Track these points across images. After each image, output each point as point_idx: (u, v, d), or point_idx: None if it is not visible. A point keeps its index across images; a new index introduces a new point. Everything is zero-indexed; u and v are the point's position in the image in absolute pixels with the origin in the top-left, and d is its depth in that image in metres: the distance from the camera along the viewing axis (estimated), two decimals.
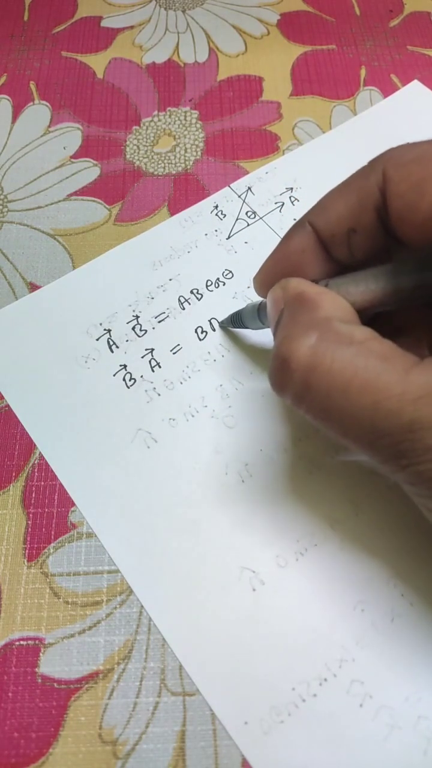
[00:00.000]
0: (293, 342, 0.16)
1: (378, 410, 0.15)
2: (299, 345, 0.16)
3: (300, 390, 0.16)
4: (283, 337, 0.16)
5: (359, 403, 0.15)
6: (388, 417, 0.14)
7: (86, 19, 0.38)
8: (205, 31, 0.38)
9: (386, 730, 0.19)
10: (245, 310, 0.24)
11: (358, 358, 0.15)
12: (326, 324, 0.16)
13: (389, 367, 0.15)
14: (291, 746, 0.19)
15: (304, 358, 0.16)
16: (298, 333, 0.16)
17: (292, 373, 0.16)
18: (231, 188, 0.31)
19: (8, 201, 0.31)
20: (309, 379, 0.16)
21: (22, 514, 0.23)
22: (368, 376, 0.15)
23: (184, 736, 0.19)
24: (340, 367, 0.15)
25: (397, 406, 0.14)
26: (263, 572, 0.22)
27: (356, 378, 0.15)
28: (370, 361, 0.15)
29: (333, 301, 0.17)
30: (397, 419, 0.14)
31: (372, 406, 0.15)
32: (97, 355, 0.26)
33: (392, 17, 0.39)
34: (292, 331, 0.16)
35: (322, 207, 0.19)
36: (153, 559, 0.22)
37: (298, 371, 0.16)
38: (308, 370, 0.15)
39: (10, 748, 0.19)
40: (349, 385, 0.15)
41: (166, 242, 0.29)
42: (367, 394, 0.15)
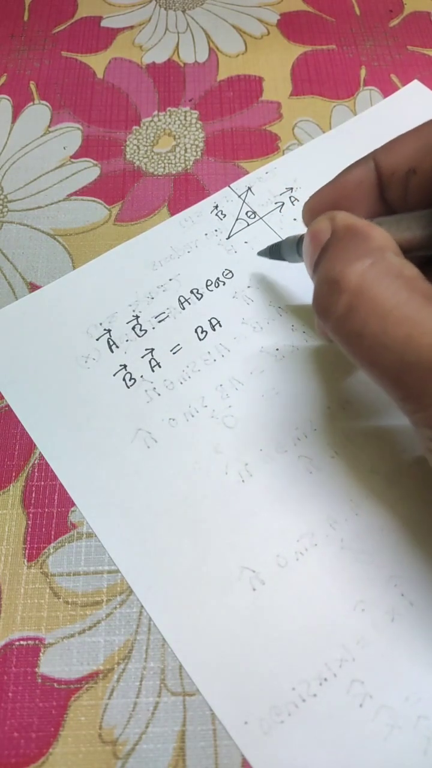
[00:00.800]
0: (347, 265, 0.16)
1: (410, 344, 0.15)
2: (353, 268, 0.16)
3: (344, 312, 0.16)
4: (335, 260, 0.17)
5: (394, 333, 0.15)
6: (420, 352, 0.15)
7: (86, 19, 0.38)
8: (205, 31, 0.38)
9: (386, 729, 0.19)
10: (285, 241, 0.24)
11: (402, 291, 0.15)
12: (379, 253, 0.16)
13: (430, 306, 0.15)
14: (291, 746, 0.19)
15: (355, 281, 0.16)
16: (350, 257, 0.16)
17: (341, 294, 0.16)
18: (231, 188, 0.31)
19: (8, 201, 0.31)
20: (355, 302, 0.16)
21: (22, 514, 0.23)
22: (409, 309, 0.15)
23: (184, 736, 0.19)
24: (385, 295, 0.15)
25: (430, 343, 0.15)
26: (263, 572, 0.22)
27: (397, 309, 0.15)
28: (413, 297, 0.15)
29: (384, 235, 0.17)
30: (427, 355, 0.15)
31: (405, 339, 0.15)
32: (97, 355, 0.26)
33: (392, 17, 0.39)
34: (346, 255, 0.16)
35: (391, 144, 0.19)
36: (153, 559, 0.22)
37: (347, 292, 0.16)
38: (356, 293, 0.16)
39: (10, 748, 0.19)
40: (389, 314, 0.15)
41: (166, 242, 0.29)
42: (404, 326, 0.15)
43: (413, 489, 0.23)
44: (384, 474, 0.23)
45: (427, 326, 0.15)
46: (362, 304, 0.16)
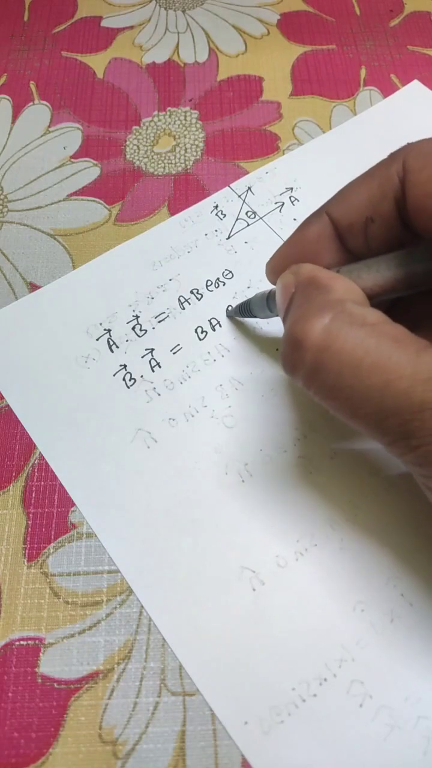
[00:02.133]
0: (307, 322, 0.16)
1: (388, 390, 0.15)
2: (313, 325, 0.16)
3: (312, 369, 0.16)
4: (296, 317, 0.17)
5: (369, 382, 0.15)
6: (398, 396, 0.15)
7: (86, 19, 0.38)
8: (205, 31, 0.38)
9: (386, 730, 0.19)
10: (254, 298, 0.24)
11: (369, 339, 0.15)
12: (340, 305, 0.16)
13: (400, 349, 0.15)
14: (291, 746, 0.19)
15: (317, 338, 0.16)
16: (311, 313, 0.16)
17: (305, 352, 0.16)
18: (231, 188, 0.31)
19: (8, 201, 0.31)
20: (321, 359, 0.16)
21: (22, 514, 0.23)
22: (379, 356, 0.15)
23: (184, 736, 0.19)
24: (352, 346, 0.15)
25: (408, 386, 0.15)
26: (263, 572, 0.22)
27: (367, 358, 0.15)
28: (382, 342, 0.15)
29: (346, 285, 0.17)
30: (406, 399, 0.15)
31: (382, 385, 0.15)
32: (97, 355, 0.26)
33: (392, 17, 0.39)
34: (306, 312, 0.16)
35: (342, 196, 0.19)
36: (153, 559, 0.22)
37: (310, 351, 0.16)
38: (321, 350, 0.16)
39: (10, 748, 0.19)
40: (360, 365, 0.15)
41: (166, 242, 0.29)
42: (378, 373, 0.15)
43: (412, 490, 0.23)
44: (383, 475, 0.23)
45: (403, 370, 0.15)
46: (330, 359, 0.16)
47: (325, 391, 0.16)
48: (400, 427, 0.15)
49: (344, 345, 0.15)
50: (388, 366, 0.15)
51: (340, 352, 0.15)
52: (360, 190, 0.18)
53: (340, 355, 0.15)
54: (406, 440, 0.15)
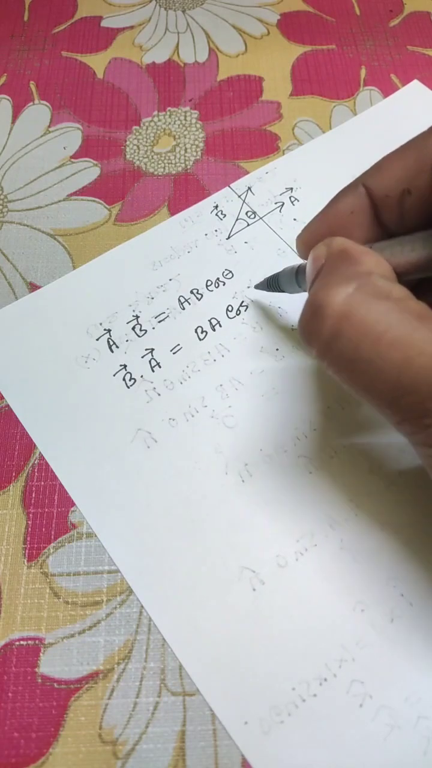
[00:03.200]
0: (330, 289, 0.16)
1: (407, 366, 0.14)
2: (336, 292, 0.15)
3: (330, 338, 0.16)
4: (320, 285, 0.16)
5: (389, 356, 0.15)
6: (418, 374, 0.14)
7: (86, 19, 0.38)
8: (205, 31, 0.38)
9: (386, 730, 0.19)
10: (283, 272, 0.23)
11: (393, 312, 0.15)
12: (366, 277, 0.16)
13: (423, 326, 0.15)
14: (291, 746, 0.19)
15: (338, 306, 0.15)
16: (335, 282, 0.16)
17: (325, 319, 0.15)
18: (231, 188, 0.31)
19: (8, 201, 0.31)
20: (341, 327, 0.15)
21: (22, 514, 0.23)
22: (402, 331, 0.15)
23: (184, 736, 0.19)
24: (374, 318, 0.15)
25: (428, 363, 0.14)
26: (263, 572, 0.22)
27: (389, 332, 0.15)
28: (405, 317, 0.15)
29: (375, 259, 0.17)
30: (426, 377, 0.14)
31: (402, 361, 0.14)
32: (97, 355, 0.26)
33: (392, 17, 0.39)
34: (330, 280, 0.16)
35: (378, 168, 0.18)
36: (153, 559, 0.22)
37: (330, 318, 0.15)
38: (341, 318, 0.15)
39: (10, 748, 0.19)
40: (381, 338, 0.15)
41: (166, 242, 0.29)
42: (399, 348, 0.14)
43: (412, 490, 0.23)
44: (383, 475, 0.23)
45: (425, 347, 0.14)
46: (350, 329, 0.15)
47: (341, 362, 0.16)
48: (415, 405, 0.15)
49: (366, 316, 0.15)
50: (409, 342, 0.14)
51: (361, 323, 0.15)
52: (396, 162, 0.18)
53: (360, 325, 0.15)
54: (418, 419, 0.15)
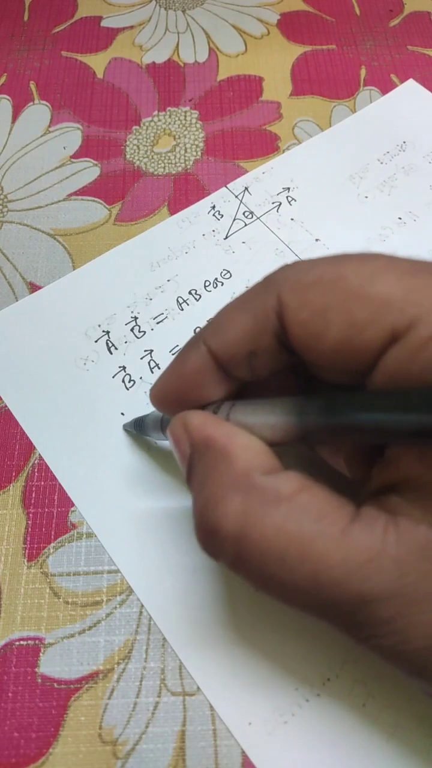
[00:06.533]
0: (217, 508, 0.15)
1: (321, 581, 0.13)
2: (224, 512, 0.14)
3: (233, 560, 0.15)
4: (204, 501, 0.15)
5: (299, 573, 0.13)
6: (334, 588, 0.13)
7: (86, 19, 0.38)
8: (205, 31, 0.38)
9: (389, 729, 0.19)
10: (148, 419, 0.22)
11: (289, 520, 0.14)
12: (247, 480, 0.15)
13: (325, 529, 0.13)
14: (295, 747, 0.19)
15: (231, 528, 0.14)
16: (219, 496, 0.15)
17: (222, 542, 0.14)
18: (228, 188, 0.31)
19: (8, 201, 0.31)
20: (241, 549, 0.14)
21: (22, 514, 0.23)
22: (303, 542, 0.13)
23: (184, 736, 0.20)
24: (271, 533, 0.14)
25: (341, 576, 0.13)
26: None
27: (291, 545, 0.13)
28: (303, 524, 0.14)
29: (246, 447, 0.15)
30: (344, 591, 0.13)
31: (313, 576, 0.13)
32: (96, 356, 0.26)
33: (392, 17, 0.39)
34: (212, 494, 0.15)
35: (218, 327, 0.17)
36: (153, 559, 0.22)
37: (227, 540, 0.14)
38: (238, 540, 0.14)
39: (10, 748, 0.19)
40: (285, 554, 0.13)
41: (164, 243, 0.29)
42: (307, 563, 0.13)
43: None
44: None
45: (332, 557, 0.13)
46: (250, 551, 0.14)
47: (253, 581, 0.15)
48: (343, 619, 0.13)
49: (262, 533, 0.14)
50: (314, 554, 0.13)
51: (260, 542, 0.14)
52: (236, 322, 0.16)
53: (259, 544, 0.14)
54: (355, 631, 0.14)
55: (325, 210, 0.30)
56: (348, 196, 0.31)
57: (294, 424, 0.15)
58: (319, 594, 0.13)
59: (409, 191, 0.31)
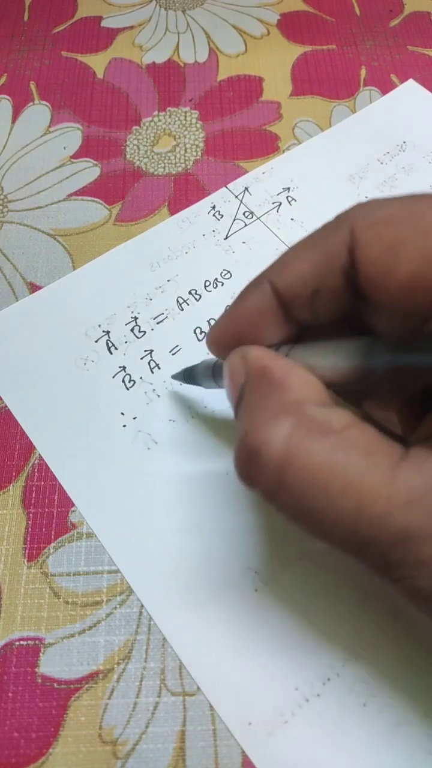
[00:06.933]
0: (263, 431, 0.14)
1: (363, 516, 0.13)
2: (270, 435, 0.14)
3: (273, 486, 0.14)
4: (250, 423, 0.15)
5: (341, 505, 0.13)
6: (375, 524, 0.13)
7: (86, 19, 0.38)
8: (205, 31, 0.38)
9: (390, 728, 0.19)
10: (199, 367, 0.22)
11: (337, 452, 0.13)
12: (299, 409, 0.14)
13: (373, 465, 0.13)
14: (295, 746, 0.19)
15: (276, 451, 0.14)
16: (267, 420, 0.14)
17: (263, 467, 0.14)
18: (228, 189, 0.31)
19: (8, 201, 0.31)
20: (283, 475, 0.14)
21: (22, 514, 0.23)
22: (350, 475, 0.13)
23: (184, 736, 0.20)
24: (318, 462, 0.13)
25: (385, 511, 0.13)
26: (266, 572, 0.22)
27: (337, 477, 0.13)
28: (351, 457, 0.13)
29: (302, 379, 0.15)
30: (385, 527, 0.13)
31: (356, 511, 0.13)
32: (96, 357, 0.26)
33: (392, 17, 0.39)
34: (260, 417, 0.14)
35: (284, 265, 0.17)
36: (153, 559, 0.22)
37: (270, 465, 0.14)
38: (282, 465, 0.14)
39: (10, 748, 0.19)
40: (330, 485, 0.13)
41: (164, 243, 0.29)
42: (350, 496, 0.13)
43: None
44: None
45: (379, 492, 0.13)
46: (294, 478, 0.14)
47: (289, 511, 0.14)
48: (380, 557, 0.13)
49: (308, 461, 0.13)
50: (360, 488, 0.13)
51: (305, 470, 0.13)
52: (303, 259, 0.16)
53: (304, 473, 0.13)
54: (387, 571, 0.13)
55: (325, 210, 0.30)
56: (348, 196, 0.31)
57: (357, 365, 0.15)
58: (358, 529, 0.13)
59: (409, 191, 0.31)
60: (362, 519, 0.13)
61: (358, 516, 0.13)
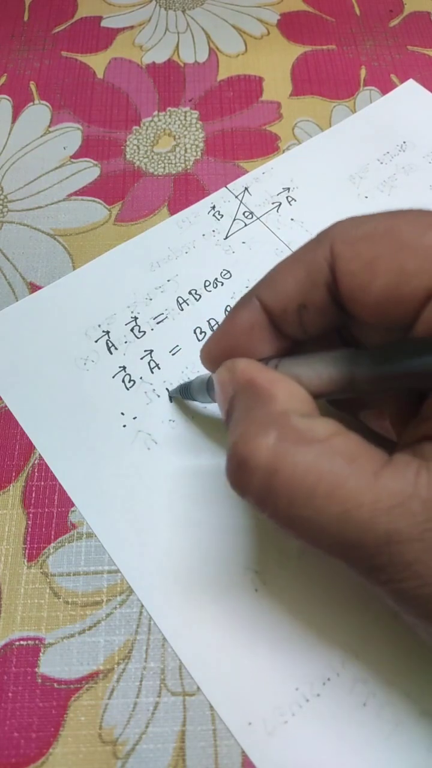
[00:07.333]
0: (250, 441, 0.15)
1: (348, 521, 0.13)
2: (257, 445, 0.14)
3: (262, 495, 0.15)
4: (238, 435, 0.15)
5: (327, 511, 0.14)
6: (360, 528, 0.13)
7: (86, 19, 0.38)
8: (205, 31, 0.38)
9: (390, 728, 0.19)
10: (194, 383, 0.23)
11: (321, 459, 0.14)
12: (284, 420, 0.15)
13: (357, 471, 0.14)
14: (295, 746, 0.19)
15: (263, 460, 0.14)
16: (254, 431, 0.15)
17: (252, 475, 0.15)
18: (228, 189, 0.31)
19: (8, 201, 0.31)
20: (271, 484, 0.14)
21: (22, 514, 0.23)
22: (334, 481, 0.14)
23: (184, 736, 0.20)
24: (302, 470, 0.14)
25: (369, 516, 0.13)
26: (265, 572, 0.22)
27: (321, 483, 0.14)
28: (335, 464, 0.14)
29: (288, 390, 0.16)
30: (369, 531, 0.13)
31: (341, 516, 0.13)
32: (96, 357, 0.26)
33: (392, 17, 0.39)
34: (248, 429, 0.15)
35: (271, 281, 0.17)
36: (153, 559, 0.22)
37: (258, 473, 0.14)
38: (269, 474, 0.14)
39: (10, 748, 0.19)
40: (315, 492, 0.14)
41: (164, 243, 0.29)
42: (335, 502, 0.13)
43: None
44: None
45: (363, 497, 0.13)
46: (280, 485, 0.14)
47: (279, 519, 0.15)
48: (366, 560, 0.13)
49: (294, 469, 0.14)
50: (344, 493, 0.13)
51: (290, 478, 0.14)
52: (289, 275, 0.17)
53: (290, 480, 0.14)
54: (374, 575, 0.14)
55: (325, 210, 0.30)
56: (348, 196, 0.31)
57: (343, 375, 0.16)
58: (344, 534, 0.13)
59: (409, 191, 0.31)
60: (348, 524, 0.13)
61: (344, 521, 0.13)
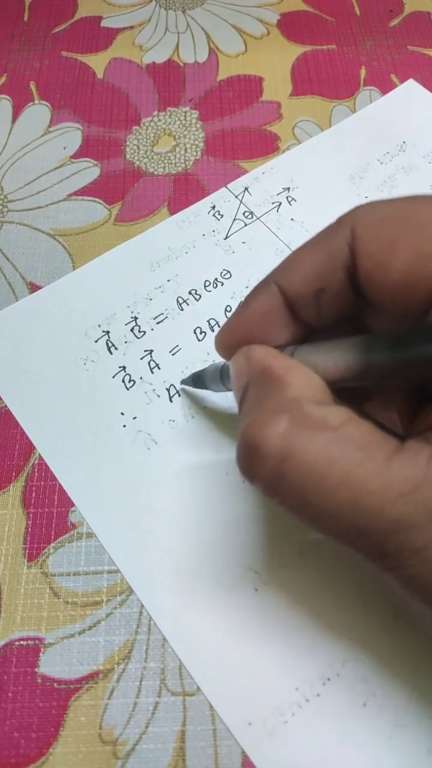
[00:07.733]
0: (262, 428, 0.15)
1: (358, 507, 0.13)
2: (269, 432, 0.15)
3: (273, 480, 0.15)
4: (250, 420, 0.15)
5: (337, 498, 0.14)
6: (370, 515, 0.13)
7: (86, 19, 0.38)
8: (205, 31, 0.38)
9: (390, 728, 0.19)
10: (207, 371, 0.22)
11: (333, 446, 0.14)
12: (297, 407, 0.15)
13: (368, 458, 0.14)
14: (295, 746, 0.19)
15: (275, 447, 0.14)
16: (266, 417, 0.15)
17: (263, 461, 0.15)
18: (228, 189, 0.31)
19: (8, 201, 0.31)
20: (281, 470, 0.14)
21: (22, 514, 0.23)
22: (345, 468, 0.14)
23: (184, 736, 0.20)
24: (313, 457, 0.14)
25: (379, 503, 0.13)
26: (266, 572, 0.22)
27: (333, 470, 0.14)
28: (346, 451, 0.14)
29: (302, 378, 0.16)
30: (379, 518, 0.13)
31: (351, 502, 0.13)
32: (96, 357, 0.26)
33: (392, 17, 0.39)
34: (260, 415, 0.15)
35: (289, 266, 0.17)
36: (153, 559, 0.22)
37: (269, 460, 0.14)
38: (280, 460, 0.14)
39: (10, 748, 0.19)
40: (325, 478, 0.14)
41: (164, 243, 0.29)
42: (346, 489, 0.13)
43: None
44: None
45: (373, 484, 0.13)
46: (291, 471, 0.14)
47: (289, 504, 0.15)
48: (375, 547, 0.14)
49: (305, 455, 0.14)
50: (355, 480, 0.13)
51: (302, 464, 0.14)
52: (307, 259, 0.17)
53: (301, 467, 0.14)
54: (382, 560, 0.14)
55: (325, 210, 0.30)
56: (348, 196, 0.31)
57: (359, 361, 0.16)
58: (354, 520, 0.14)
59: (409, 191, 0.31)
60: (358, 510, 0.13)
61: (354, 507, 0.13)
